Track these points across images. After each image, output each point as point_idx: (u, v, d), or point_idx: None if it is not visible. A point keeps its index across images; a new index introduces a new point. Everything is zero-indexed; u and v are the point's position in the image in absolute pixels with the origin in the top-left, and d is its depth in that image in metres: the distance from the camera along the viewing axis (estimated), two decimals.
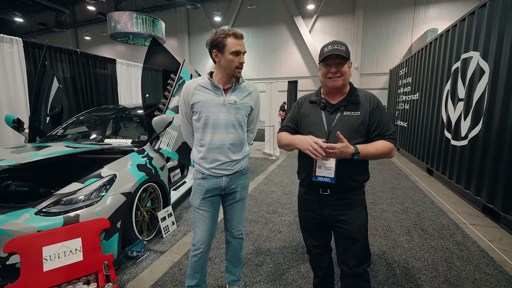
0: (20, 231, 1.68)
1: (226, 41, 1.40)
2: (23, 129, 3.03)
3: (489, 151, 3.11)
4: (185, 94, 1.52)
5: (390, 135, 1.28)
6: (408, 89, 6.81)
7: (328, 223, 1.39)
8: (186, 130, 1.64)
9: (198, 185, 1.56)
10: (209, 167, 1.52)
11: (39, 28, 21.40)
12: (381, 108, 1.32)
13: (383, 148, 1.24)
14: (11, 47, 3.44)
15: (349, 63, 1.29)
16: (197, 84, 1.50)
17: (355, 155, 1.19)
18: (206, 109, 1.47)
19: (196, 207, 1.57)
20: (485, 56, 3.31)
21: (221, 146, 1.50)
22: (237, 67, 1.44)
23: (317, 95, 1.40)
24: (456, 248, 2.43)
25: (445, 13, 13.92)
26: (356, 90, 1.35)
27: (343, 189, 1.32)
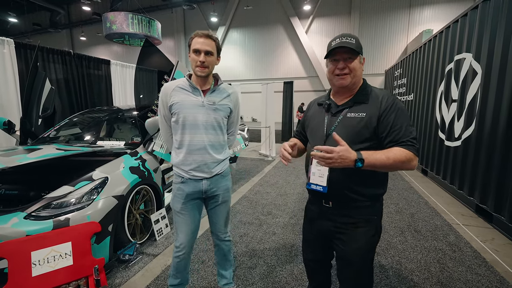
0: (8, 236, 1.65)
1: (192, 41, 1.43)
2: (14, 131, 2.99)
3: (482, 151, 3.14)
4: (163, 96, 1.51)
5: (408, 142, 1.03)
6: (403, 90, 6.85)
7: (328, 239, 1.25)
8: (165, 132, 1.63)
9: (178, 189, 1.55)
10: (188, 170, 1.50)
11: (33, 28, 21.19)
12: (397, 109, 1.07)
13: (397, 156, 0.99)
14: (2, 48, 3.39)
15: (360, 58, 1.12)
16: (176, 86, 1.50)
17: (358, 161, 0.96)
18: (184, 110, 1.46)
19: (177, 211, 1.56)
20: (477, 58, 3.34)
21: (201, 147, 1.49)
22: (197, 65, 1.43)
23: (325, 97, 1.28)
24: (449, 249, 2.44)
25: (440, 14, 14.05)
26: (367, 88, 1.16)
27: (341, 202, 1.15)
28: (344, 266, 1.22)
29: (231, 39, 18.93)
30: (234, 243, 2.53)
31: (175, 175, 1.57)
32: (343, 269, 1.23)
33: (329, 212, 1.20)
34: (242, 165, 5.94)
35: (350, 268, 1.19)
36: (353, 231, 1.15)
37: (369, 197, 1.14)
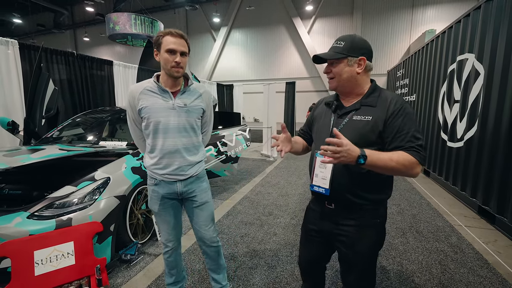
0: (11, 235, 1.67)
1: (163, 39, 1.36)
2: (18, 131, 3.02)
3: (484, 152, 3.12)
4: (130, 99, 1.45)
5: (414, 148, 0.99)
6: (405, 91, 6.82)
7: (328, 240, 1.24)
8: (136, 136, 1.58)
9: (153, 191, 1.53)
10: (162, 173, 1.48)
11: (37, 29, 21.39)
12: (406, 114, 1.04)
13: (400, 159, 0.96)
14: (6, 49, 3.43)
15: (349, 60, 1.08)
16: (143, 88, 1.43)
17: (360, 158, 0.93)
18: (154, 114, 1.41)
19: (156, 212, 1.57)
20: (480, 58, 3.32)
21: (174, 150, 1.46)
22: (173, 66, 1.37)
23: (333, 97, 1.25)
24: (450, 251, 2.43)
25: (443, 14, 13.97)
26: (375, 91, 1.12)
27: (344, 204, 1.14)
28: (347, 269, 1.21)
29: (233, 40, 18.96)
30: (235, 243, 2.54)
31: (148, 177, 1.54)
32: (346, 272, 1.22)
33: (332, 214, 1.18)
34: (243, 166, 5.95)
35: (353, 270, 1.18)
36: (356, 234, 1.13)
37: (373, 201, 1.12)
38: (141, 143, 1.59)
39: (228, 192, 4.09)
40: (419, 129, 1.05)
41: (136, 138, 1.59)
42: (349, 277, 1.21)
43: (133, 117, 1.50)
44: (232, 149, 3.89)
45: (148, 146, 1.49)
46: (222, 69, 19.64)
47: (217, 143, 3.79)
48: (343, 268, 1.24)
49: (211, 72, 19.72)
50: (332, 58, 1.10)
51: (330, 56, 1.10)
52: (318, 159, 1.16)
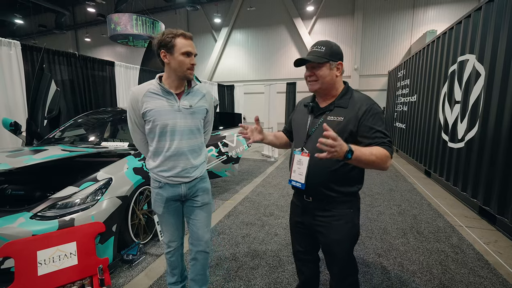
0: (15, 235, 1.69)
1: (175, 41, 1.33)
2: (20, 132, 3.04)
3: (485, 153, 3.12)
4: (133, 103, 1.40)
5: (386, 143, 1.11)
6: (406, 91, 6.82)
7: (311, 231, 1.35)
8: (137, 139, 1.54)
9: (157, 194, 1.51)
10: (167, 176, 1.45)
11: (39, 29, 21.45)
12: (375, 113, 1.16)
13: (378, 154, 1.06)
14: (9, 50, 3.45)
15: (331, 64, 1.18)
16: (146, 91, 1.38)
17: (348, 153, 1.00)
18: (161, 117, 1.38)
19: (159, 214, 1.56)
20: (480, 59, 3.32)
21: (180, 153, 1.44)
22: (188, 68, 1.37)
23: (310, 98, 1.37)
24: (451, 251, 2.43)
25: (444, 14, 13.96)
26: (348, 93, 1.24)
27: (319, 197, 1.24)
28: (329, 258, 1.33)
29: (234, 40, 18.98)
30: (236, 244, 2.55)
31: (152, 179, 1.52)
32: (330, 261, 1.34)
33: (310, 207, 1.30)
34: (244, 166, 5.96)
35: (333, 258, 1.30)
36: (331, 224, 1.25)
37: (344, 194, 1.23)
38: (143, 146, 1.55)
39: (229, 193, 4.11)
40: (384, 128, 1.17)
41: (137, 142, 1.54)
42: (333, 267, 1.33)
43: (135, 120, 1.45)
44: (233, 149, 3.90)
45: (151, 149, 1.46)
46: (223, 69, 19.66)
47: (218, 143, 3.80)
48: (327, 259, 1.36)
49: (212, 73, 19.75)
50: (318, 61, 1.19)
51: (316, 59, 1.18)
52: (296, 157, 1.25)
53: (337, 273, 1.33)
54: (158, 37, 1.36)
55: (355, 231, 1.29)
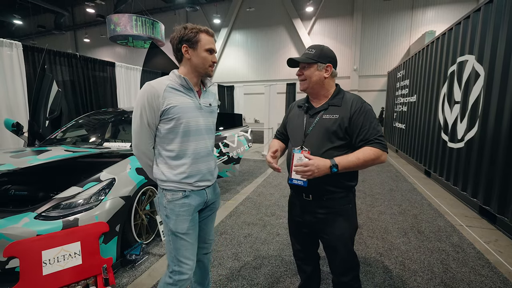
0: (19, 235, 1.69)
1: (200, 36, 1.26)
2: (22, 132, 3.05)
3: (485, 153, 3.15)
4: (151, 98, 1.23)
5: (376, 140, 1.18)
6: (405, 91, 6.85)
7: (311, 230, 1.38)
8: (146, 142, 1.31)
9: (183, 205, 1.29)
10: (193, 181, 1.31)
11: (38, 30, 21.42)
12: (365, 111, 1.23)
13: (366, 155, 1.15)
14: (10, 50, 3.46)
15: (319, 66, 1.26)
16: (166, 86, 1.26)
17: (333, 167, 1.12)
18: (186, 115, 1.27)
19: (182, 233, 1.28)
20: (480, 60, 3.35)
21: (206, 153, 1.37)
22: (210, 65, 1.32)
23: (304, 100, 1.42)
24: (452, 250, 2.45)
25: (442, 15, 14.02)
26: (340, 93, 1.32)
27: (320, 194, 1.28)
28: (331, 254, 1.35)
29: (233, 41, 19.00)
30: (239, 243, 2.56)
31: (168, 192, 1.29)
32: (331, 257, 1.36)
33: (310, 205, 1.33)
34: (245, 167, 5.98)
35: (337, 254, 1.32)
36: (332, 220, 1.29)
37: (343, 188, 1.28)
38: (148, 152, 1.34)
39: (230, 193, 4.12)
40: (377, 122, 1.24)
41: (143, 145, 1.32)
42: (335, 263, 1.36)
43: (149, 119, 1.25)
44: (234, 150, 3.91)
45: (168, 152, 1.29)
46: (223, 70, 19.67)
47: (219, 144, 3.81)
48: (328, 256, 1.38)
49: None
50: (304, 62, 1.27)
51: (303, 60, 1.27)
52: (296, 155, 1.28)
53: (339, 269, 1.35)
54: (179, 31, 1.27)
55: (354, 226, 1.35)
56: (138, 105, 1.25)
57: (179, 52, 1.29)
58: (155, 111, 1.24)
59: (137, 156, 1.37)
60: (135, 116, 1.27)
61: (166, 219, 1.30)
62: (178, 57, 1.31)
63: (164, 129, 1.27)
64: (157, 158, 1.35)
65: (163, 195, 1.31)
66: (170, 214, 1.29)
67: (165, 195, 1.30)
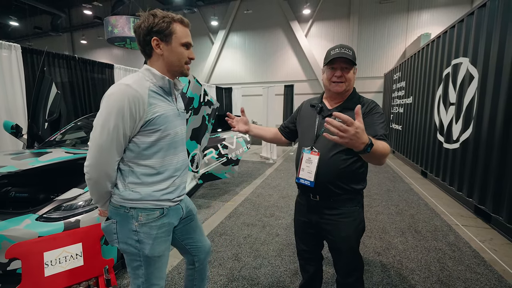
0: (21, 237, 1.70)
1: (174, 27, 1.04)
2: (21, 135, 3.05)
3: (480, 154, 3.21)
4: (134, 105, 0.96)
5: (381, 137, 1.14)
6: (402, 93, 6.94)
7: (317, 230, 1.38)
8: (112, 162, 1.02)
9: (162, 226, 1.10)
10: (172, 198, 1.13)
11: (34, 31, 21.30)
12: (375, 112, 1.23)
13: (384, 148, 1.08)
14: (9, 53, 3.46)
15: (354, 69, 1.26)
16: (148, 89, 1.01)
17: (368, 147, 0.96)
18: (171, 124, 1.08)
19: (158, 256, 1.11)
20: (474, 62, 3.42)
21: (185, 165, 1.22)
22: (187, 62, 1.11)
23: (318, 99, 1.41)
24: (448, 249, 2.50)
25: (438, 18, 14.22)
26: (355, 96, 1.31)
27: (327, 195, 1.27)
28: (336, 255, 1.36)
29: (231, 43, 19.07)
30: (239, 244, 2.59)
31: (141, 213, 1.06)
32: (336, 258, 1.37)
33: (317, 206, 1.32)
34: (244, 168, 6.00)
35: (342, 255, 1.33)
36: (339, 221, 1.28)
37: (351, 192, 1.27)
38: (113, 172, 1.05)
39: (229, 194, 4.14)
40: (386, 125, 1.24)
41: (109, 166, 1.02)
42: (340, 264, 1.37)
43: (125, 130, 0.98)
44: (232, 151, 3.94)
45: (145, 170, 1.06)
46: (221, 72, 19.71)
47: (218, 145, 3.84)
48: (334, 257, 1.39)
49: (209, 75, 19.78)
50: (354, 63, 1.23)
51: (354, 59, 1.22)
52: (305, 155, 1.28)
53: (344, 269, 1.36)
54: (147, 20, 1.02)
55: (362, 227, 1.35)
56: (112, 113, 0.95)
57: (147, 46, 1.05)
58: (136, 121, 0.99)
59: (94, 180, 1.03)
60: (105, 126, 0.96)
61: (137, 245, 1.06)
62: (147, 51, 1.07)
63: (144, 143, 1.03)
64: (123, 177, 1.06)
65: (130, 217, 1.06)
66: (145, 239, 1.07)
67: (133, 217, 1.06)
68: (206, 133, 3.37)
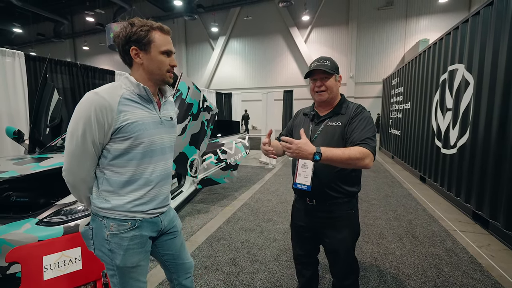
0: (21, 241, 1.73)
1: (152, 36, 1.04)
2: (23, 140, 3.09)
3: (476, 159, 3.23)
4: (101, 113, 0.96)
5: (364, 141, 1.18)
6: (400, 99, 6.99)
7: (314, 234, 1.42)
8: (86, 168, 1.04)
9: (133, 238, 1.07)
10: (146, 209, 1.10)
11: (37, 38, 21.60)
12: (362, 117, 1.27)
13: (352, 152, 1.11)
14: (12, 60, 3.53)
15: (336, 77, 1.32)
16: (120, 97, 1.01)
17: (316, 155, 1.07)
18: (146, 132, 1.05)
19: (132, 267, 1.09)
20: (469, 68, 3.47)
21: (166, 176, 1.17)
22: (168, 70, 1.10)
23: (310, 108, 1.49)
24: (445, 255, 2.50)
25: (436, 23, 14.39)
26: (344, 102, 1.37)
27: (323, 199, 1.31)
28: (333, 258, 1.39)
29: (231, 49, 19.27)
30: (236, 249, 2.60)
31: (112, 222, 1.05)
32: (333, 261, 1.40)
33: (314, 210, 1.36)
34: (243, 173, 6.02)
35: (339, 258, 1.36)
36: (336, 225, 1.33)
37: (347, 195, 1.32)
38: (90, 178, 1.07)
39: (228, 199, 4.15)
40: (373, 129, 1.26)
41: (83, 171, 1.04)
42: (337, 267, 1.40)
43: (97, 139, 0.99)
44: (231, 156, 3.97)
45: (120, 178, 1.05)
46: (221, 77, 19.87)
47: (217, 150, 3.87)
48: (330, 260, 1.42)
49: (209, 81, 19.94)
50: (330, 72, 1.30)
51: (329, 70, 1.29)
52: (300, 161, 1.33)
53: (341, 273, 1.39)
54: (125, 29, 1.03)
55: (357, 230, 1.39)
56: (80, 121, 0.97)
57: (127, 55, 1.05)
58: (105, 129, 0.99)
59: (71, 185, 1.08)
60: (74, 134, 0.98)
61: (109, 254, 1.07)
62: (127, 60, 1.08)
63: (116, 150, 1.03)
64: (98, 184, 1.08)
65: (103, 225, 1.06)
66: (116, 249, 1.06)
67: (106, 226, 1.06)
68: (205, 138, 3.41)
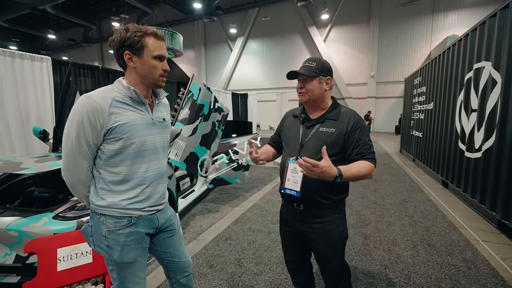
0: (39, 233, 1.86)
1: (145, 41, 1.08)
2: (48, 139, 3.32)
3: (503, 164, 2.99)
4: (93, 115, 1.02)
5: (369, 155, 1.23)
6: (422, 99, 6.65)
7: (303, 239, 1.39)
8: (82, 168, 1.10)
9: (129, 235, 1.13)
10: (142, 207, 1.15)
11: (68, 43, 23.14)
12: (361, 127, 1.28)
13: (365, 170, 1.18)
14: (41, 64, 3.80)
15: (320, 79, 1.28)
16: (112, 100, 1.06)
17: (337, 178, 1.10)
18: (138, 133, 1.10)
19: (129, 262, 1.14)
20: (496, 66, 3.22)
21: (160, 175, 1.22)
22: (162, 75, 1.15)
23: (300, 110, 1.44)
24: (463, 266, 2.34)
25: (465, 18, 13.52)
26: (337, 107, 1.34)
27: (312, 205, 1.29)
28: (323, 263, 1.37)
29: (249, 49, 19.38)
30: (242, 250, 2.61)
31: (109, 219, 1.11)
32: (323, 266, 1.38)
33: (301, 214, 1.34)
34: (255, 174, 6.03)
35: (328, 262, 1.34)
36: (324, 229, 1.31)
37: (335, 201, 1.32)
38: (86, 178, 1.13)
39: (238, 200, 4.18)
40: (369, 137, 1.29)
41: (80, 171, 1.11)
42: (327, 272, 1.38)
43: (89, 140, 1.05)
44: (243, 157, 4.00)
45: (114, 178, 1.11)
46: (239, 78, 20.05)
47: (229, 151, 3.92)
48: (321, 266, 1.40)
49: (227, 82, 20.20)
50: (308, 75, 1.28)
51: (307, 73, 1.27)
52: (290, 165, 1.30)
53: (332, 277, 1.37)
54: (120, 34, 1.08)
55: (345, 234, 1.37)
56: (74, 123, 1.03)
57: (121, 59, 1.11)
58: (97, 130, 1.05)
59: (70, 184, 1.15)
60: (69, 136, 1.05)
61: (107, 250, 1.13)
62: (121, 64, 1.14)
63: (109, 151, 1.09)
64: (95, 183, 1.14)
65: (100, 222, 1.13)
66: (113, 245, 1.12)
67: (103, 223, 1.12)
68: (216, 138, 3.46)
